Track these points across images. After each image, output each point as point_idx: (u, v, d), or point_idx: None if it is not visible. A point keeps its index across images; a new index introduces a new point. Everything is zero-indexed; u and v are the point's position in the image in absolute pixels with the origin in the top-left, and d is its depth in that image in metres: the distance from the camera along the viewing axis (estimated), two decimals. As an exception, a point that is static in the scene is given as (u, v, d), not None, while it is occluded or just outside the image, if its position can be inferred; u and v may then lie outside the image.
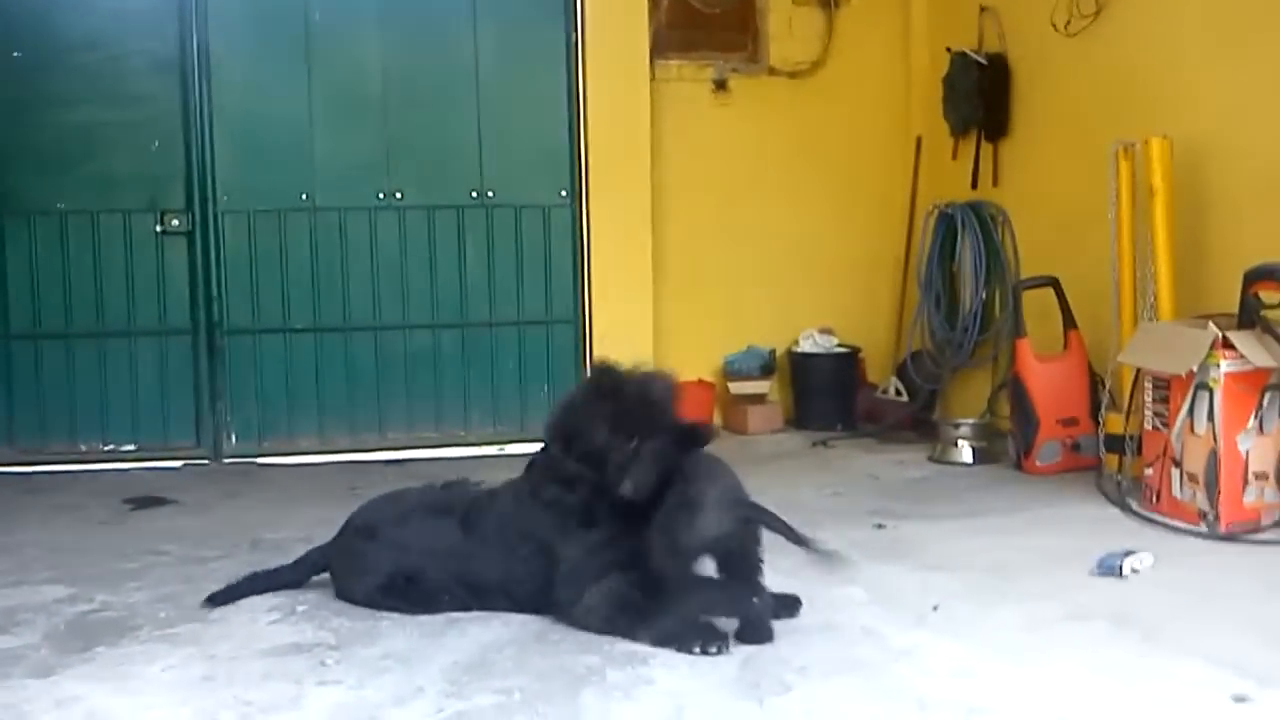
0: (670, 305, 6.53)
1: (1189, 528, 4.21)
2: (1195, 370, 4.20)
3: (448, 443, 6.20)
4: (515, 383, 6.34)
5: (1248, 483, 4.16)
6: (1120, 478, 4.76)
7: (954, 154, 6.54)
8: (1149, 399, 4.51)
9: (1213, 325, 4.20)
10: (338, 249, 6.18)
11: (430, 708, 2.80)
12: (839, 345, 6.75)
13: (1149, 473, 4.49)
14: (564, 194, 6.36)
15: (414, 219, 6.24)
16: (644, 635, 3.15)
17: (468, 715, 2.75)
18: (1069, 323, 5.43)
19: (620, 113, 6.35)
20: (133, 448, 6.06)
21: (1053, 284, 5.47)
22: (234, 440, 6.14)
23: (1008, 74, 6.15)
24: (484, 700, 2.82)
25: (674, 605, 3.14)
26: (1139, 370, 4.61)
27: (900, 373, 6.60)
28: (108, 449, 6.04)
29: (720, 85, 6.79)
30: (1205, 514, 4.20)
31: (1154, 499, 4.44)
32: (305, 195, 6.13)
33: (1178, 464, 4.30)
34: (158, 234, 6.05)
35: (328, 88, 6.14)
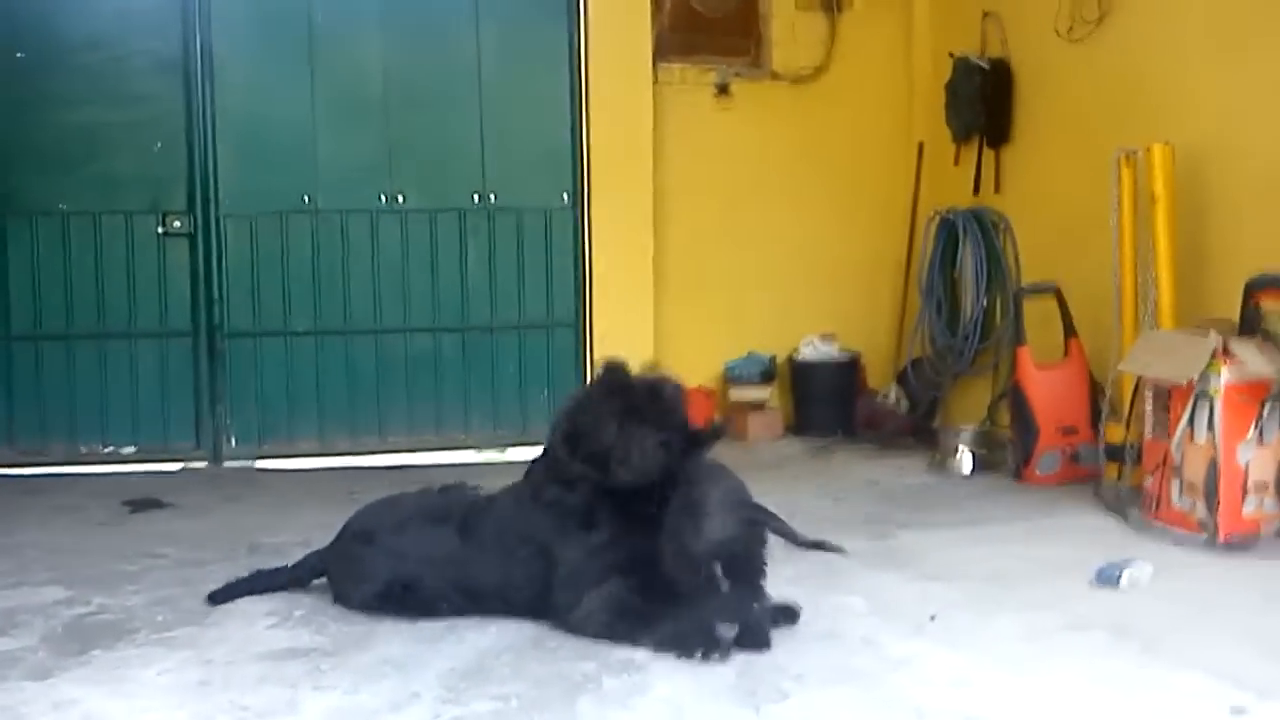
0: (671, 310, 6.53)
1: (1188, 538, 4.20)
2: (1196, 379, 4.19)
3: (448, 446, 6.20)
4: (516, 387, 6.34)
5: (1247, 493, 4.14)
6: (1120, 487, 4.75)
7: (956, 160, 6.54)
8: (1149, 408, 4.50)
9: (1214, 334, 4.19)
10: (339, 252, 6.19)
11: (426, 714, 2.79)
12: (839, 352, 6.75)
13: (1149, 482, 4.47)
14: (565, 197, 6.36)
15: (416, 222, 6.24)
16: (645, 640, 3.13)
17: (464, 722, 2.74)
18: (1069, 331, 5.42)
19: (622, 116, 6.35)
20: (132, 450, 6.07)
21: (1054, 291, 5.47)
22: (234, 443, 6.15)
23: (1010, 80, 6.14)
24: (481, 707, 2.81)
25: (681, 611, 3.12)
26: (1139, 379, 4.60)
27: (901, 380, 6.60)
28: (107, 451, 6.05)
29: (723, 89, 6.78)
30: (1205, 524, 4.18)
31: (1153, 508, 4.42)
32: (307, 198, 6.13)
33: (1177, 474, 4.29)
34: (159, 235, 6.05)
35: (330, 89, 6.15)
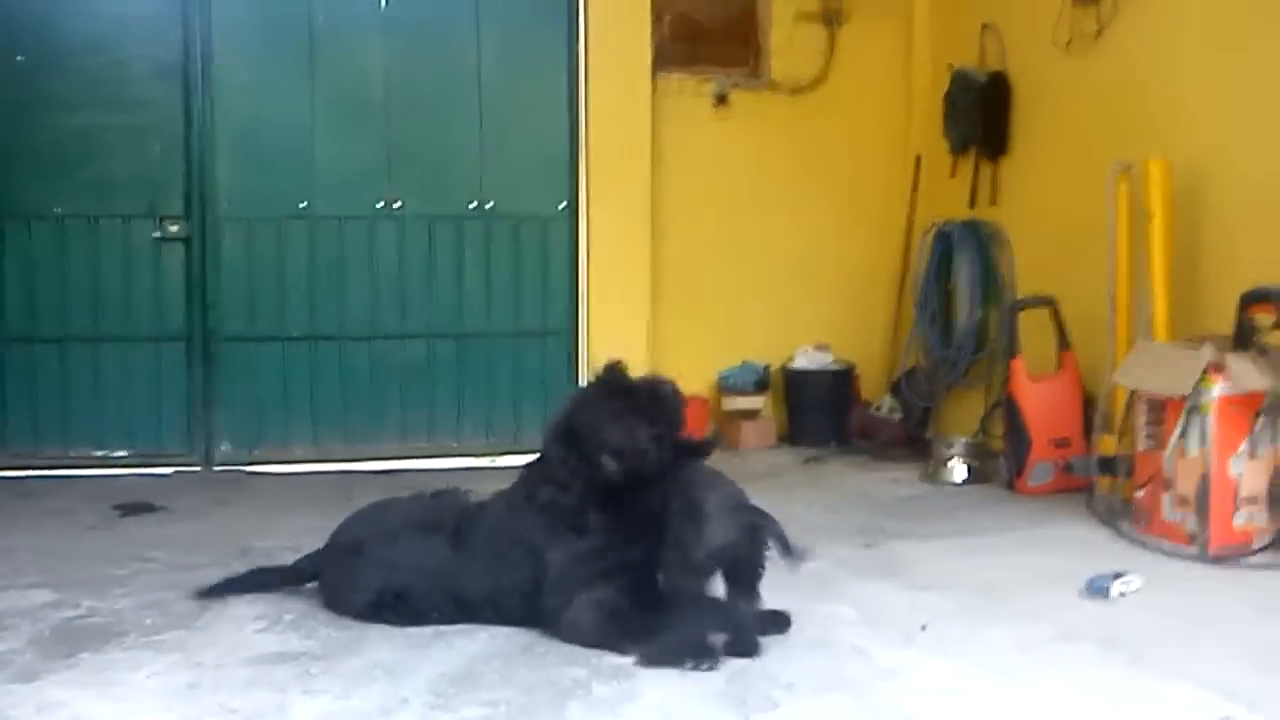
0: (667, 319, 6.52)
1: (1179, 550, 4.20)
2: (1189, 393, 4.19)
3: (441, 453, 6.18)
4: (510, 394, 6.33)
5: (1238, 506, 4.16)
6: (1112, 499, 4.75)
7: (953, 172, 6.55)
8: (1142, 420, 4.50)
9: (1207, 348, 4.20)
10: (336, 257, 6.17)
11: (415, 719, 2.79)
12: (834, 362, 6.75)
13: (1140, 495, 4.48)
14: (563, 206, 6.36)
15: (413, 229, 6.24)
16: (634, 652, 3.12)
17: (452, 727, 2.74)
18: (1064, 343, 5.43)
19: (621, 124, 6.35)
20: (125, 453, 6.04)
21: (1049, 304, 5.48)
22: (226, 448, 6.13)
23: (1008, 92, 6.15)
24: (470, 712, 2.81)
25: (674, 622, 3.11)
26: (1132, 391, 4.61)
27: (894, 390, 6.61)
28: (100, 454, 6.02)
29: (721, 99, 6.79)
30: (1195, 537, 4.19)
31: (1145, 521, 4.43)
32: (305, 203, 6.12)
33: (1169, 486, 4.30)
34: (156, 240, 6.04)
35: (329, 95, 6.14)
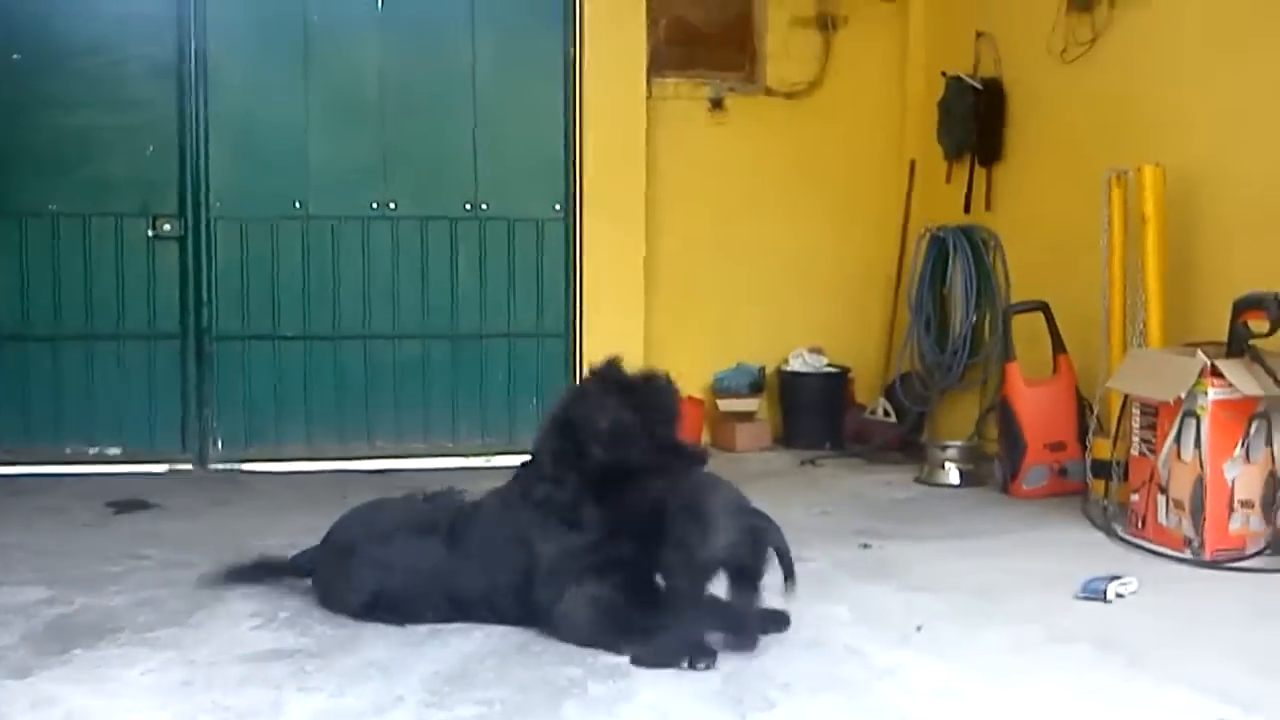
0: (661, 321, 6.52)
1: (1174, 554, 4.22)
2: (1183, 397, 4.21)
3: (435, 453, 6.17)
4: (504, 395, 6.33)
5: (1233, 510, 4.17)
6: (1106, 503, 4.76)
7: (947, 177, 6.56)
8: (1137, 425, 4.52)
9: (1201, 353, 4.22)
10: (329, 257, 6.17)
11: (410, 717, 2.78)
12: (829, 365, 6.76)
13: (1135, 498, 4.49)
14: (558, 207, 6.36)
15: (407, 229, 6.23)
16: (629, 651, 3.11)
17: (448, 725, 2.73)
18: (1058, 347, 5.44)
19: (616, 127, 6.35)
20: (118, 452, 6.03)
21: (1043, 309, 5.49)
22: (220, 446, 6.12)
23: (1003, 99, 6.17)
24: (465, 711, 2.81)
25: (671, 622, 3.11)
26: (1127, 396, 4.62)
27: (889, 394, 6.62)
28: (93, 452, 6.01)
29: (717, 104, 6.80)
30: (1190, 541, 4.20)
31: (1139, 525, 4.44)
32: (299, 203, 6.12)
33: (1164, 490, 4.31)
34: (149, 238, 6.03)
35: (324, 95, 6.14)
